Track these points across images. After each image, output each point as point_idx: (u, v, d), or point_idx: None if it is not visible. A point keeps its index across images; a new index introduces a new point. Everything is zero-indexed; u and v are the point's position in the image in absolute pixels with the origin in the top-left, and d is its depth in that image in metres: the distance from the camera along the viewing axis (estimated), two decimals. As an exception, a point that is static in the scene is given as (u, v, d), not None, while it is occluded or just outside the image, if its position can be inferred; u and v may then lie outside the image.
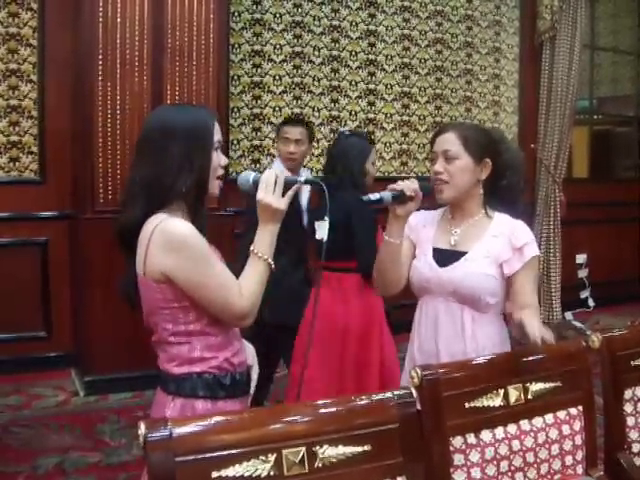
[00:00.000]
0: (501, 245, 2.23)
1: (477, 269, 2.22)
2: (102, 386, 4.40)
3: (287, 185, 1.91)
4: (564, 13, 6.57)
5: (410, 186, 2.13)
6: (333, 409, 1.57)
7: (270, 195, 1.87)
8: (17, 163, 4.78)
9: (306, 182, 2.01)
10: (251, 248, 1.89)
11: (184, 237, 1.79)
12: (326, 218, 1.98)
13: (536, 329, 1.91)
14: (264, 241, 1.89)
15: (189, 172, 1.85)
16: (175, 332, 1.86)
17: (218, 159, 1.93)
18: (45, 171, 4.84)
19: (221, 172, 1.95)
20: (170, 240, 1.78)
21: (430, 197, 2.26)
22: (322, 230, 2.01)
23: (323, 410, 1.57)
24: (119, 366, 4.34)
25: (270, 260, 1.89)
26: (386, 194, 2.12)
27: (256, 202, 1.89)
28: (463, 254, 2.26)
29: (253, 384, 2.02)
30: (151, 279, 1.83)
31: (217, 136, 1.93)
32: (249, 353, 2.06)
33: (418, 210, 2.36)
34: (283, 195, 1.90)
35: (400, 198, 2.13)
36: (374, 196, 2.12)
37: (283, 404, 3.50)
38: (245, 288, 1.85)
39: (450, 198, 2.28)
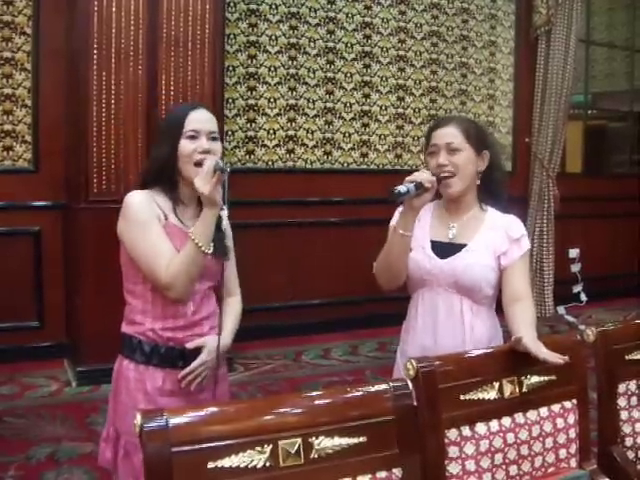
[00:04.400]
0: (498, 237, 2.28)
1: (478, 260, 2.25)
2: (95, 376, 4.37)
3: (215, 170, 2.01)
4: (560, 7, 6.56)
5: (428, 177, 2.16)
6: (329, 401, 1.58)
7: (199, 180, 2.00)
8: (11, 152, 4.75)
9: (218, 169, 2.02)
10: (189, 230, 2.06)
11: (130, 204, 2.08)
12: (224, 207, 2.06)
13: (549, 356, 1.88)
14: (199, 225, 2.04)
15: (154, 159, 2.16)
16: (127, 289, 2.16)
17: (191, 146, 2.08)
18: (39, 160, 4.81)
19: (198, 157, 2.07)
20: (123, 206, 2.10)
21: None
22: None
23: (319, 401, 1.57)
24: (112, 356, 4.27)
25: (200, 243, 2.02)
26: (410, 186, 2.11)
27: None
28: (463, 246, 2.29)
29: (190, 368, 2.11)
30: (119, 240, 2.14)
31: (190, 125, 2.09)
32: (205, 343, 2.14)
33: None
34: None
35: (420, 190, 2.14)
36: (402, 188, 2.10)
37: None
38: (172, 263, 2.02)
39: (458, 191, 2.30)
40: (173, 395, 2.13)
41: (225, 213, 2.10)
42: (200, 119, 2.11)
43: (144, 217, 2.06)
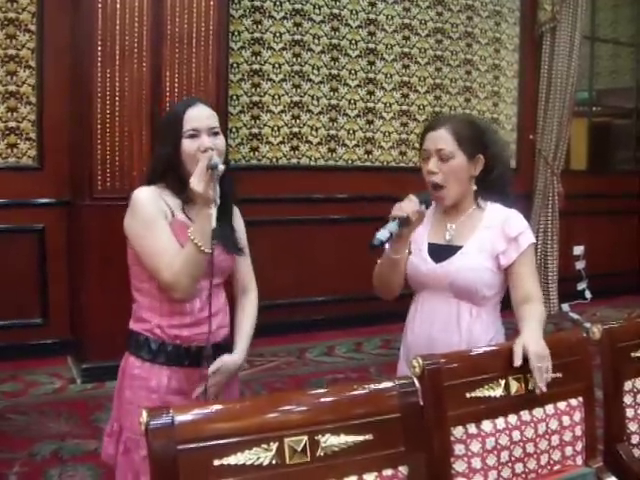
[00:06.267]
0: (495, 236, 2.22)
1: (472, 262, 2.20)
2: (99, 373, 4.37)
3: (210, 169, 1.98)
4: (565, 3, 6.55)
5: (414, 208, 2.08)
6: (335, 398, 1.57)
7: (194, 179, 1.97)
8: (15, 149, 4.75)
9: (211, 167, 1.99)
10: (188, 230, 2.02)
11: (136, 199, 2.07)
12: (215, 204, 2.00)
13: (540, 377, 1.87)
14: (197, 225, 2.01)
15: (157, 159, 2.15)
16: (135, 287, 2.16)
17: (193, 145, 2.06)
18: (43, 157, 4.81)
19: (201, 156, 2.04)
20: (130, 201, 2.09)
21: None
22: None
23: (325, 399, 1.57)
24: (116, 353, 4.26)
25: (199, 242, 1.98)
26: (393, 226, 2.03)
27: None
28: (458, 248, 2.24)
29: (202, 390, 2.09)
30: (126, 238, 2.13)
31: (189, 124, 2.06)
32: (222, 363, 2.12)
33: None
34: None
35: (406, 224, 2.07)
36: (383, 235, 2.00)
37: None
38: (175, 263, 2.00)
39: (451, 202, 2.26)
40: (179, 393, 2.12)
41: (214, 211, 2.00)
42: (198, 116, 2.08)
43: (150, 214, 2.05)
